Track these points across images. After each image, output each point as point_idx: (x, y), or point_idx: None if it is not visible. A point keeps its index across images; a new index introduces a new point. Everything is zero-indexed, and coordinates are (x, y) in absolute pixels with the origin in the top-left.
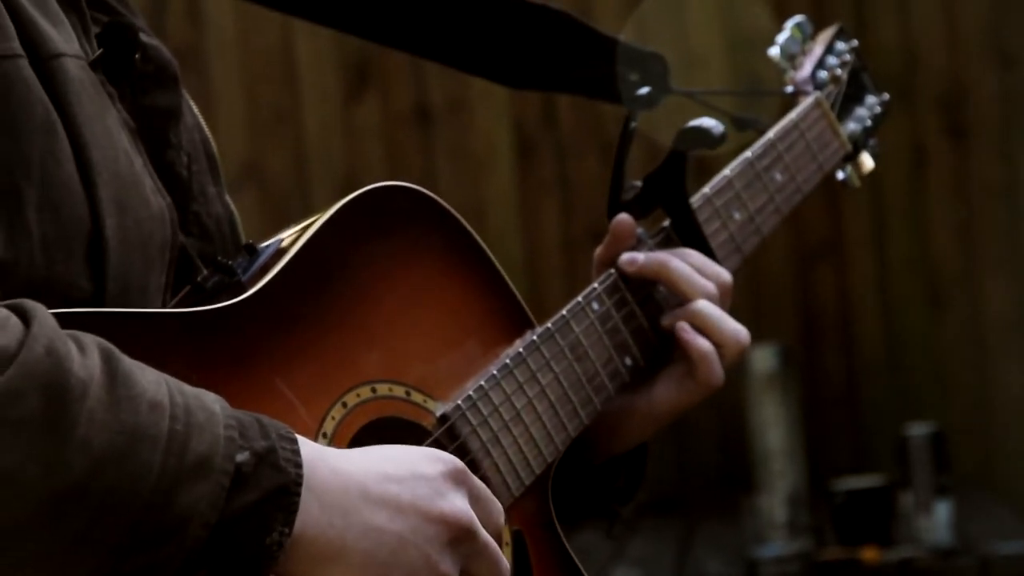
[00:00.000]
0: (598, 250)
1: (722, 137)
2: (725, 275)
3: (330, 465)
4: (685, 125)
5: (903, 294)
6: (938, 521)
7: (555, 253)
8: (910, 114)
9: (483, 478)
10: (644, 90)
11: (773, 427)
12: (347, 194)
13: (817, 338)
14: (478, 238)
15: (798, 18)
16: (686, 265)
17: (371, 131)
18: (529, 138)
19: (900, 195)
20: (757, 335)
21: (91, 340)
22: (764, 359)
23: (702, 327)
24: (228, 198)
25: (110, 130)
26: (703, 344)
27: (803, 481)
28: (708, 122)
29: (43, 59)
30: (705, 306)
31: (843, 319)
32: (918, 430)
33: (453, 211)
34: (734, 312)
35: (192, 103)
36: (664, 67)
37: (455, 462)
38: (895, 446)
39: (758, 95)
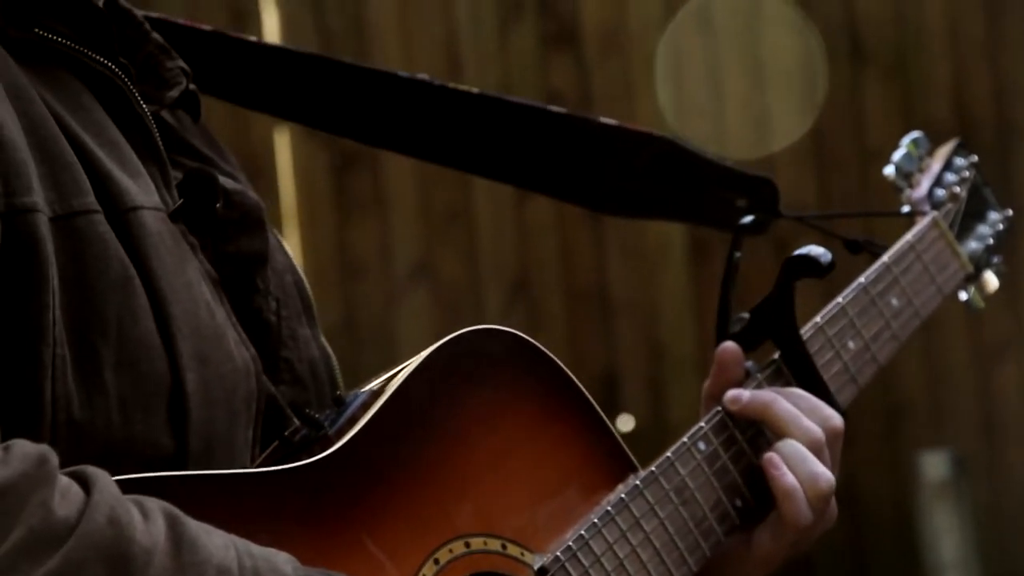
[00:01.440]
0: (706, 383)
1: (831, 265)
2: (835, 420)
3: None
4: (792, 254)
5: None
6: None
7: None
8: None
9: None
10: (748, 218)
11: (946, 537)
12: (521, 292)
13: (998, 441)
14: (576, 380)
15: (915, 134)
16: (792, 407)
17: (543, 229)
18: (702, 234)
19: None
20: (935, 439)
21: (156, 505)
22: (936, 466)
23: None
24: (324, 340)
25: (191, 282)
26: (789, 481)
27: None
28: (816, 250)
29: (120, 212)
30: (791, 444)
31: None
32: None
33: (549, 354)
34: (911, 415)
35: (285, 244)
36: (774, 192)
37: None
38: None
39: (872, 216)
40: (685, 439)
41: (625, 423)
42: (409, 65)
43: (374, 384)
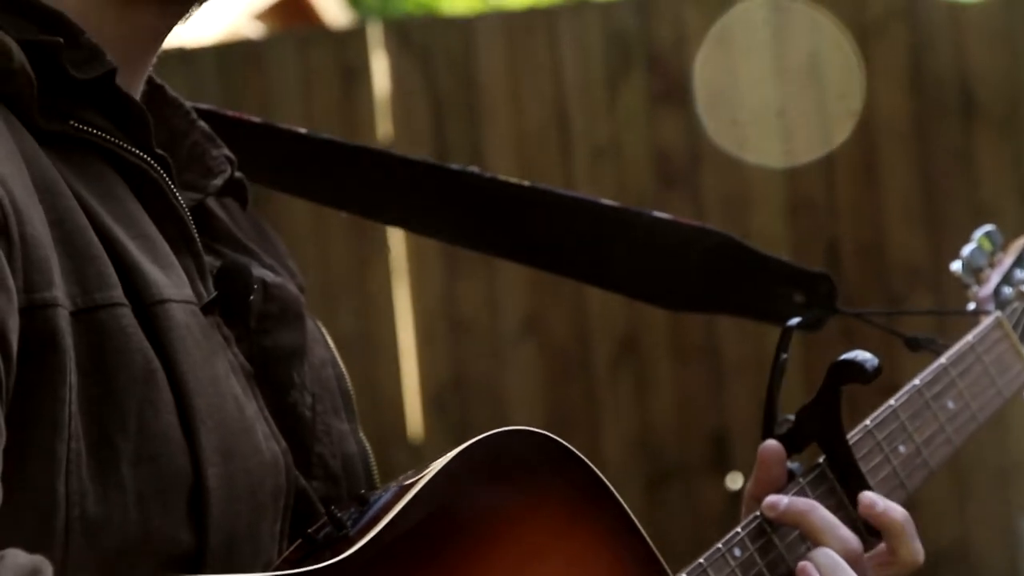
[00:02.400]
0: (748, 483)
1: (876, 371)
2: None
3: None
4: (837, 359)
5: None
6: None
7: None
8: None
9: None
10: (795, 320)
11: None
12: (627, 353)
13: None
14: (607, 482)
15: (987, 227)
16: (830, 515)
17: None
18: None
19: None
20: None
21: None
22: None
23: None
24: (362, 435)
25: (218, 376)
26: None
27: None
28: (862, 355)
29: (147, 305)
30: (825, 554)
31: None
32: None
33: (579, 455)
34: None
35: (328, 337)
36: (831, 287)
37: None
38: None
39: (934, 314)
40: (720, 545)
41: (734, 481)
42: (518, 122)
43: (400, 482)
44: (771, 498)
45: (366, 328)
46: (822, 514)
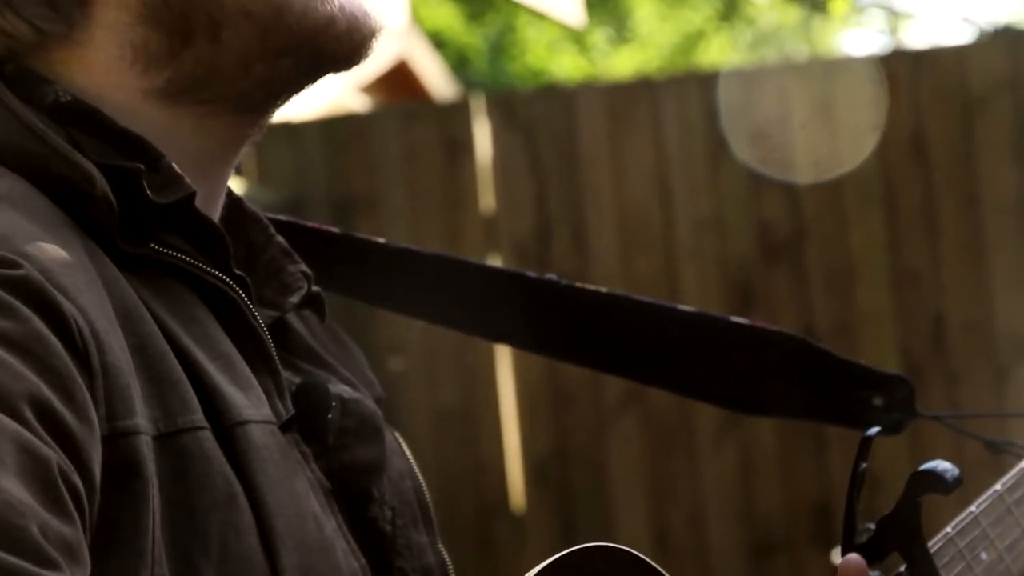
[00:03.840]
0: None
1: (956, 482)
2: None
3: None
4: (917, 468)
5: None
6: None
7: None
8: None
9: None
10: (874, 430)
11: None
12: (729, 423)
13: None
14: None
15: None
16: None
17: None
18: (917, 362)
19: None
20: None
21: None
22: None
23: None
24: (441, 546)
25: (298, 496)
26: None
27: None
28: (942, 466)
29: (226, 427)
30: None
31: None
32: None
33: (660, 569)
34: None
35: (406, 448)
36: (909, 390)
37: None
38: None
39: (1015, 417)
40: None
41: (839, 555)
42: (620, 194)
43: None
44: None
45: (469, 401)
46: None
